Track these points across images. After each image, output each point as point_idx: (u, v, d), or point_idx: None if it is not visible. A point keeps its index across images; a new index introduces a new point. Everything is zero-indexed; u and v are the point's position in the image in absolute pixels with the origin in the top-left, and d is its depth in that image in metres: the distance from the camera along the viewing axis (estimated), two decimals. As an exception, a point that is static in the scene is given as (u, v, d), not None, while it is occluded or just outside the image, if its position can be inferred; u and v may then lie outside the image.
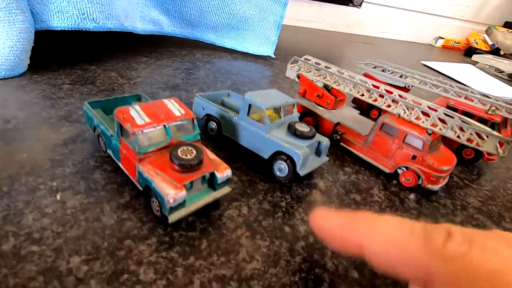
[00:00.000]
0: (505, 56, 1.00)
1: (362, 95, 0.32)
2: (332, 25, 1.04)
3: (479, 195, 0.30)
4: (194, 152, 0.20)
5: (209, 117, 0.30)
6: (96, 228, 0.19)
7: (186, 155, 0.20)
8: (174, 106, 0.22)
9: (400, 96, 0.29)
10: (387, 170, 0.30)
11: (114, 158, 0.23)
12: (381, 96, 0.31)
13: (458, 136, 0.26)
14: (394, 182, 0.30)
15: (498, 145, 0.25)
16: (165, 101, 0.23)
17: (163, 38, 0.60)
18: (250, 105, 0.26)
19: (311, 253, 0.20)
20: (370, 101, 0.31)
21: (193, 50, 0.58)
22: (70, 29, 0.38)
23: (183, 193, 0.19)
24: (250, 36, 0.59)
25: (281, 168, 0.26)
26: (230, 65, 0.54)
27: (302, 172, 0.25)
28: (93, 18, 0.39)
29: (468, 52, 1.08)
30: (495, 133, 0.25)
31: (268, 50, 0.59)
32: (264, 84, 0.49)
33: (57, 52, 0.45)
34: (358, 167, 0.31)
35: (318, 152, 0.28)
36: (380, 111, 0.42)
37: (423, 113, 0.28)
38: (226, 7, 0.55)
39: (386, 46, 1.05)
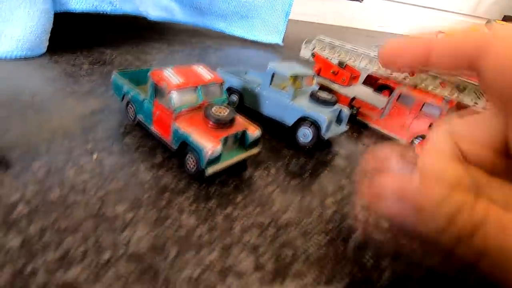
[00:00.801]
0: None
1: (378, 69, 0.32)
2: (334, 19, 1.05)
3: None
4: (227, 110, 0.21)
5: (230, 91, 0.31)
6: (135, 182, 0.20)
7: (220, 112, 0.21)
8: (203, 71, 0.23)
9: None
10: (403, 141, 0.31)
11: (145, 123, 0.24)
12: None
13: (476, 103, 0.27)
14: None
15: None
16: (195, 66, 0.23)
17: (172, 28, 0.61)
18: (273, 74, 0.27)
19: (341, 207, 0.21)
20: (386, 74, 0.32)
21: (203, 38, 0.59)
22: (87, 12, 0.39)
23: (219, 147, 0.19)
24: (259, 25, 0.60)
25: (305, 134, 0.27)
26: (240, 52, 0.55)
27: (326, 136, 0.26)
28: (110, 1, 0.39)
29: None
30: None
31: (276, 38, 0.60)
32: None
33: (72, 37, 0.45)
34: (375, 139, 0.32)
35: (338, 121, 0.28)
36: (391, 91, 0.43)
37: (440, 83, 0.29)
38: (235, -4, 0.56)
39: (386, 40, 1.06)
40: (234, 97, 0.31)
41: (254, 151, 0.23)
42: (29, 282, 0.13)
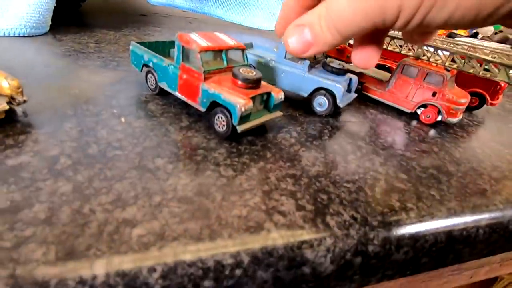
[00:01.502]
0: (483, 39, 1.08)
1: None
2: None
3: (488, 131, 0.34)
4: (254, 72, 0.22)
5: None
6: (167, 141, 0.20)
7: (248, 73, 0.21)
8: (226, 37, 0.24)
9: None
10: (408, 110, 0.32)
11: (169, 90, 0.24)
12: (400, 45, 0.33)
13: (474, 72, 0.29)
14: (415, 122, 0.32)
15: (509, 74, 0.28)
16: (217, 33, 0.24)
17: (170, 15, 0.61)
18: None
19: (363, 162, 0.22)
20: (391, 48, 0.33)
21: (201, 24, 0.59)
22: (90, -9, 0.38)
23: (251, 104, 0.20)
24: (257, 12, 0.60)
25: (321, 103, 0.28)
26: (239, 38, 0.55)
27: (342, 104, 0.27)
28: (114, -20, 0.39)
29: (449, 36, 1.16)
30: (507, 61, 0.28)
31: (273, 25, 0.61)
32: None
33: (72, 18, 0.45)
34: (381, 109, 0.34)
35: (349, 89, 0.30)
36: (389, 71, 0.45)
37: (441, 51, 0.31)
38: (233, -18, 0.56)
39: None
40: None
41: (278, 113, 0.24)
42: (90, 219, 0.13)
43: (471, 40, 0.97)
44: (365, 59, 0.17)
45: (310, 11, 0.15)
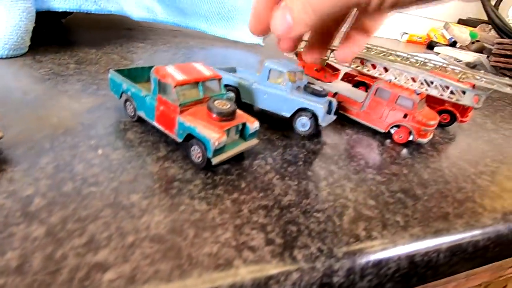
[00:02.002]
0: (461, 48, 1.12)
1: (358, 66, 0.36)
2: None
3: (458, 148, 0.35)
4: (229, 104, 0.23)
5: (226, 87, 0.32)
6: (144, 174, 0.21)
7: (222, 106, 0.22)
8: (202, 68, 0.25)
9: (389, 64, 0.34)
10: (382, 130, 0.34)
11: (147, 118, 0.25)
12: (373, 66, 0.35)
13: (442, 94, 0.31)
14: (388, 141, 0.34)
15: (473, 100, 0.30)
16: (194, 63, 0.25)
17: (154, 28, 0.61)
18: (270, 70, 0.29)
19: (334, 189, 0.24)
20: (364, 71, 0.35)
21: (187, 38, 0.59)
22: (71, 11, 0.39)
23: (225, 137, 0.21)
24: (239, 26, 0.61)
25: (304, 123, 0.29)
26: (224, 52, 0.56)
27: (323, 124, 0.29)
28: (95, 1, 0.39)
29: (430, 45, 1.20)
30: (470, 88, 0.30)
31: (257, 38, 0.62)
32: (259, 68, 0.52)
33: (52, 36, 0.44)
34: (356, 129, 0.35)
35: (329, 111, 0.31)
36: (367, 87, 0.46)
37: (411, 78, 0.32)
38: (217, -3, 0.57)
39: (358, 40, 1.12)
40: (231, 94, 0.32)
41: (254, 142, 0.25)
42: (62, 265, 0.14)
43: (449, 50, 1.01)
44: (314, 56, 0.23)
45: None
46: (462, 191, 0.27)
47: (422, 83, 0.32)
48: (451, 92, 0.31)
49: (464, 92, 0.30)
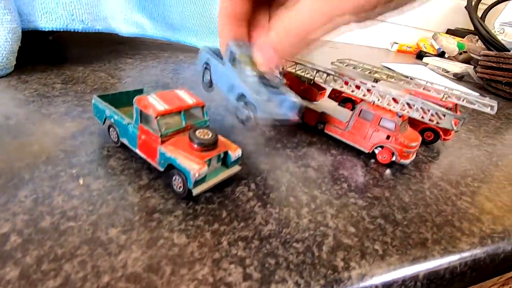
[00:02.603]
0: (449, 58, 1.14)
1: (342, 87, 0.36)
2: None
3: (440, 167, 0.36)
4: (210, 133, 0.23)
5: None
6: (124, 205, 0.21)
7: (203, 136, 0.22)
8: (185, 95, 0.25)
9: (373, 86, 0.34)
10: (366, 150, 0.34)
11: (130, 146, 0.25)
12: (358, 87, 0.35)
13: (422, 117, 0.31)
14: (373, 161, 0.34)
15: (453, 122, 0.31)
16: (177, 91, 0.25)
17: (144, 42, 0.61)
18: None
19: (315, 215, 0.24)
20: (348, 91, 0.35)
21: (176, 53, 0.60)
22: (57, 30, 0.39)
23: (205, 168, 0.21)
24: (229, 39, 0.62)
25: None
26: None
27: (261, 114, 0.26)
28: (82, 20, 0.39)
29: (419, 55, 1.22)
30: (450, 112, 0.30)
31: (247, 52, 0.63)
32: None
33: (39, 52, 0.44)
34: (341, 149, 0.35)
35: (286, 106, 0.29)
36: (353, 104, 0.47)
37: (393, 99, 0.33)
38: (206, 12, 0.57)
39: (350, 50, 1.14)
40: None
41: (236, 169, 0.25)
42: (34, 310, 0.14)
43: (437, 60, 1.03)
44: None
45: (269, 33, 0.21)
46: (442, 214, 0.27)
47: (404, 105, 0.32)
48: (432, 115, 0.32)
49: (444, 115, 0.31)
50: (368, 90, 0.35)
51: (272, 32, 0.21)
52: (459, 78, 0.96)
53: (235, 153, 0.24)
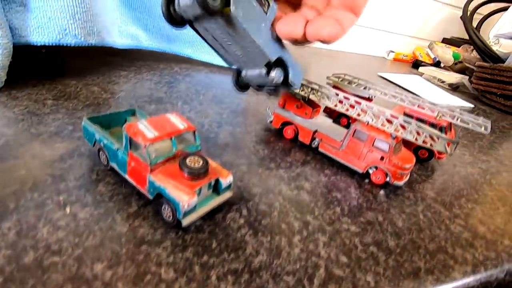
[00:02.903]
0: (445, 68, 1.15)
1: (336, 105, 0.36)
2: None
3: (434, 188, 0.36)
4: (201, 161, 0.23)
5: None
6: (111, 236, 0.20)
7: (194, 164, 0.22)
8: (177, 120, 0.25)
9: (367, 106, 0.34)
10: (360, 171, 0.34)
11: (119, 171, 0.24)
12: (352, 106, 0.35)
13: (416, 139, 0.31)
14: (367, 181, 0.34)
15: (446, 145, 0.31)
16: (168, 115, 0.25)
17: (139, 52, 0.61)
18: None
19: (307, 244, 0.23)
20: (342, 110, 0.35)
21: (171, 63, 0.59)
22: (50, 45, 0.38)
23: (195, 199, 0.21)
24: (225, 51, 0.61)
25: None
26: (208, 78, 0.56)
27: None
28: (75, 34, 0.39)
29: (415, 64, 1.22)
30: (444, 136, 0.30)
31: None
32: (244, 95, 0.52)
33: (31, 65, 0.44)
34: (335, 169, 0.35)
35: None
36: (349, 119, 0.47)
37: (387, 120, 0.33)
38: (202, 23, 0.57)
39: (346, 59, 1.14)
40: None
41: (227, 195, 0.24)
42: None
43: (433, 70, 1.04)
44: (290, 27, 0.20)
45: None
46: (435, 239, 0.27)
47: (397, 126, 0.32)
48: (426, 137, 0.31)
49: (438, 138, 0.31)
50: (362, 110, 0.34)
51: None
52: (454, 88, 0.97)
53: (226, 179, 0.24)
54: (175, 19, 0.21)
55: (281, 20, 0.21)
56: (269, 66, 0.22)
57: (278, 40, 0.22)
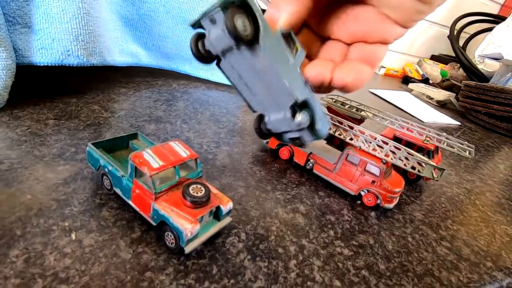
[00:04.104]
0: (433, 85, 1.19)
1: (330, 129, 0.38)
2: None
3: (422, 209, 0.38)
4: (203, 189, 0.24)
5: None
6: (116, 263, 0.21)
7: (197, 193, 0.23)
8: (180, 148, 0.26)
9: (360, 131, 0.36)
10: (352, 193, 0.36)
11: (123, 196, 0.25)
12: (345, 131, 0.37)
13: (405, 165, 0.33)
14: (359, 202, 0.36)
15: (433, 171, 0.33)
16: (171, 143, 0.26)
17: (137, 68, 0.62)
18: None
19: (302, 269, 0.25)
20: (336, 135, 0.37)
21: (169, 80, 0.60)
22: (52, 65, 0.39)
23: (197, 227, 0.22)
24: (223, 68, 0.63)
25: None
26: (206, 95, 0.58)
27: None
28: (78, 55, 0.40)
29: (405, 80, 1.27)
30: (431, 162, 0.32)
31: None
32: (240, 114, 0.53)
33: (31, 84, 0.44)
34: (329, 190, 0.37)
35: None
36: (341, 140, 0.49)
37: (378, 146, 0.35)
38: (201, 42, 0.59)
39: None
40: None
41: (227, 220, 0.26)
42: None
43: (422, 87, 1.07)
44: (319, 68, 0.20)
45: None
46: (423, 262, 0.29)
47: (388, 152, 0.34)
48: (414, 163, 0.33)
49: (425, 164, 0.33)
50: (355, 135, 0.36)
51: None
52: (442, 105, 1.00)
53: (226, 206, 0.25)
54: (203, 55, 0.21)
55: (310, 63, 0.21)
56: (294, 110, 0.20)
57: (305, 84, 0.21)
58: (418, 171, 0.33)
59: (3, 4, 0.35)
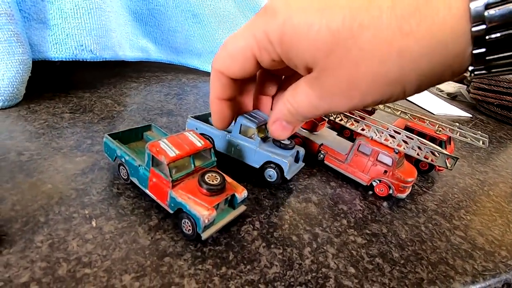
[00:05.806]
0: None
1: (341, 120, 0.38)
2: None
3: (435, 199, 0.38)
4: (219, 178, 0.24)
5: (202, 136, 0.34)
6: (136, 249, 0.22)
7: (212, 181, 0.24)
8: (194, 138, 0.26)
9: (371, 121, 0.36)
10: (364, 183, 0.36)
11: (140, 186, 0.26)
12: (356, 121, 0.37)
13: (418, 154, 0.33)
14: (370, 192, 0.36)
15: (446, 160, 0.32)
16: (186, 133, 0.26)
17: (147, 64, 0.63)
18: (241, 125, 0.31)
19: (316, 256, 0.25)
20: (347, 125, 0.37)
21: (178, 74, 0.61)
22: (67, 60, 0.40)
23: (214, 214, 0.22)
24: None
25: (271, 175, 0.31)
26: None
27: (288, 176, 0.31)
28: (91, 50, 0.41)
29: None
30: (444, 151, 0.32)
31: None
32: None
33: (45, 79, 0.45)
34: (341, 181, 0.37)
35: (296, 159, 0.33)
36: (351, 131, 0.49)
37: (390, 135, 0.35)
38: (210, 36, 0.59)
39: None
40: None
41: (242, 208, 0.26)
42: None
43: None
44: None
45: (279, 107, 0.21)
46: (437, 251, 0.29)
47: (400, 142, 0.34)
48: (427, 152, 0.33)
49: (438, 154, 0.33)
50: (366, 125, 0.36)
51: (284, 105, 0.21)
52: (452, 97, 0.99)
53: (241, 195, 0.25)
54: None
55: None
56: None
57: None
58: (432, 160, 0.33)
59: (19, 1, 0.36)
